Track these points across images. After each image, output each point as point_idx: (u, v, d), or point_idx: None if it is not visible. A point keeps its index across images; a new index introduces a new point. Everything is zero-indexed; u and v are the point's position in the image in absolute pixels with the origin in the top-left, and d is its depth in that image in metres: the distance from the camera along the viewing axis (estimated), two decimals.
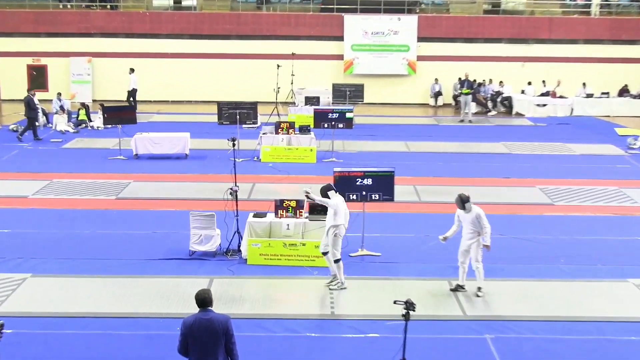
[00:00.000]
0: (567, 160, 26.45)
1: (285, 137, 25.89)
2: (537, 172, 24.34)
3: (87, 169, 23.91)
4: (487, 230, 13.71)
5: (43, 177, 22.72)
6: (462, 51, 38.84)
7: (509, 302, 13.87)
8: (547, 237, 17.73)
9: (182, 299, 13.67)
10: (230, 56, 38.53)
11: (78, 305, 13.45)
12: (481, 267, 13.95)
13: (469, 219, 13.85)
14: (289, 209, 16.15)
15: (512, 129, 33.06)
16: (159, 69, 38.43)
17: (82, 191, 21.33)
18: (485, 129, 33.06)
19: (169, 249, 16.33)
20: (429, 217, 19.31)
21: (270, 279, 14.84)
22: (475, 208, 13.87)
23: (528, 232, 18.00)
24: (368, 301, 13.86)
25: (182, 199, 20.65)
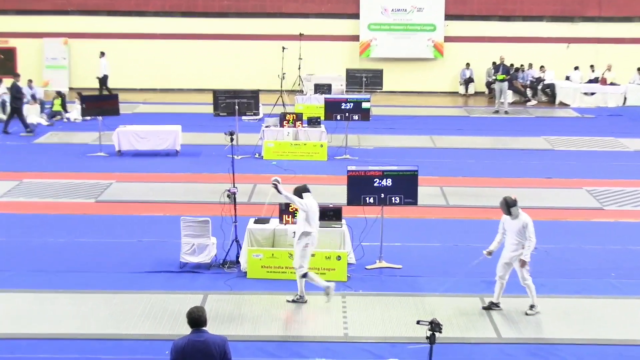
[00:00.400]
0: (618, 157, 26.42)
1: (292, 130, 25.91)
2: (583, 171, 24.30)
3: (63, 168, 23.99)
4: (531, 243, 13.66)
5: (11, 176, 22.81)
6: (497, 31, 38.77)
7: (550, 323, 13.83)
8: (596, 246, 17.69)
9: (172, 318, 13.70)
10: (228, 37, 38.57)
11: (52, 325, 13.47)
12: (531, 283, 13.91)
13: (515, 227, 13.78)
14: (295, 214, 16.16)
15: (555, 121, 33.02)
16: (146, 52, 38.50)
17: (56, 193, 21.41)
18: (523, 121, 33.01)
19: (156, 260, 16.36)
20: (458, 223, 19.32)
21: (273, 295, 14.84)
22: (523, 215, 13.80)
23: (573, 241, 17.97)
24: (387, 321, 13.84)
25: (172, 202, 20.69)
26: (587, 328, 13.64)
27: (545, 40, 38.85)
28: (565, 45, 38.95)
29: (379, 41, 38.86)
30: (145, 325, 13.48)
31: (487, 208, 20.06)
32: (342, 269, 15.50)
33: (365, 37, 38.85)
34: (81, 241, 17.58)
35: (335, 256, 15.51)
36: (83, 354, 12.50)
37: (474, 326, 13.68)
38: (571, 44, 38.99)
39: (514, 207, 13.75)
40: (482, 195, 21.42)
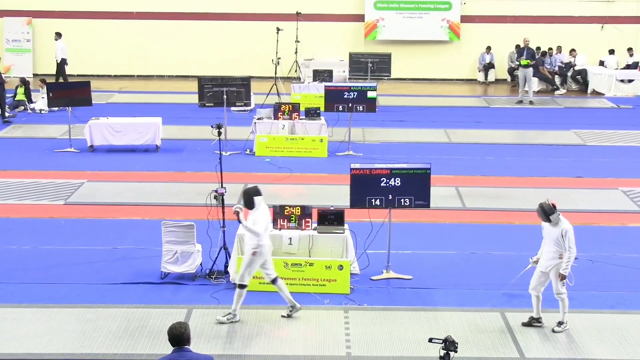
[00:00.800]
0: None
1: (287, 123, 25.98)
2: (620, 169, 24.39)
3: (27, 165, 24.08)
4: (571, 254, 13.70)
5: None
6: (522, 10, 38.82)
7: (581, 341, 13.89)
8: (633, 255, 17.76)
9: (152, 335, 13.77)
10: (215, 17, 38.61)
11: (15, 344, 13.53)
12: (566, 297, 13.97)
13: (554, 234, 13.81)
14: (291, 217, 16.25)
15: (587, 113, 33.09)
16: (122, 33, 38.52)
17: (20, 194, 21.49)
18: (551, 112, 33.08)
19: (134, 270, 16.44)
20: (476, 228, 19.39)
21: (267, 310, 14.92)
22: (564, 222, 13.85)
23: (607, 249, 18.02)
24: (395, 339, 13.91)
25: (152, 204, 20.77)
26: (623, 347, 13.70)
27: (576, 20, 38.89)
28: (600, 26, 38.98)
29: (386, 21, 38.90)
30: (121, 344, 13.52)
31: (509, 211, 20.16)
32: (345, 279, 15.58)
33: (371, 17, 38.90)
34: (48, 248, 17.64)
35: (336, 265, 15.58)
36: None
37: (494, 344, 13.75)
38: (606, 24, 39.01)
39: (553, 214, 13.77)
40: (503, 196, 21.50)
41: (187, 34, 38.62)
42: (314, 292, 15.48)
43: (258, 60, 36.38)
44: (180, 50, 38.68)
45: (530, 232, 18.75)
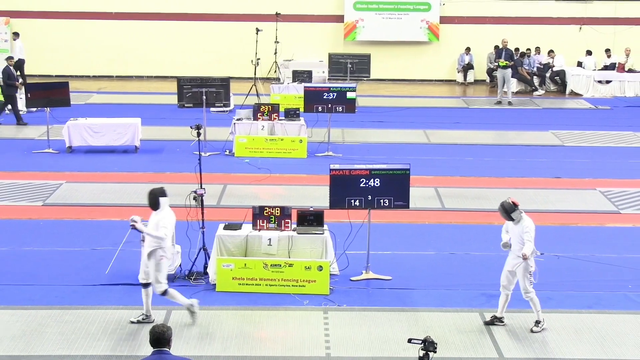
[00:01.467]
0: (637, 154, 26.59)
1: (267, 124, 25.98)
2: (597, 170, 24.48)
3: (5, 166, 23.99)
4: (530, 245, 13.75)
5: None
6: (500, 11, 38.94)
7: (559, 341, 13.95)
8: (611, 255, 17.82)
9: (131, 336, 13.77)
10: (194, 17, 38.58)
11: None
12: (534, 296, 14.04)
13: (518, 232, 13.90)
14: (271, 218, 16.25)
15: (565, 113, 33.20)
16: (101, 33, 38.43)
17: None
18: (529, 113, 33.19)
19: (113, 272, 16.37)
20: (455, 229, 19.45)
21: (246, 310, 14.93)
22: (526, 219, 13.91)
23: (585, 249, 18.10)
24: (375, 339, 13.93)
25: (131, 205, 20.72)
26: (601, 347, 13.76)
27: (554, 22, 39.05)
28: (578, 27, 39.13)
29: (366, 22, 38.94)
30: (100, 346, 13.51)
31: (488, 212, 20.18)
32: (324, 280, 15.59)
33: (350, 18, 38.94)
34: (26, 250, 17.60)
35: (316, 266, 15.59)
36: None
37: (473, 345, 13.79)
38: (584, 26, 39.17)
39: (514, 212, 13.86)
40: (482, 197, 21.56)
41: (166, 35, 38.56)
42: (293, 293, 15.49)
43: (237, 60, 36.34)
44: (159, 51, 38.62)
45: None
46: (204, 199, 16.35)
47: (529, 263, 13.87)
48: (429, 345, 9.63)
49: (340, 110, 25.65)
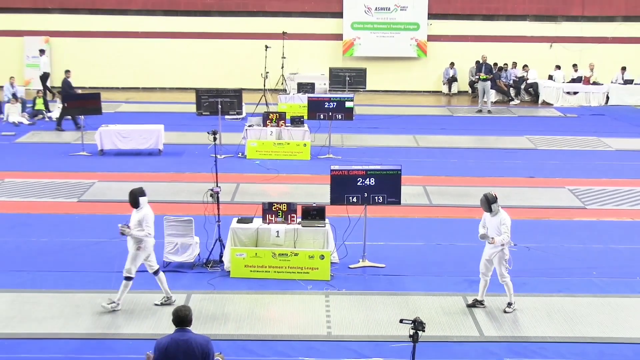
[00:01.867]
0: (601, 157, 26.56)
1: (275, 130, 25.96)
2: (566, 170, 24.45)
3: (45, 167, 23.97)
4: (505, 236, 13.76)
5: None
6: (481, 30, 38.90)
7: (533, 321, 13.95)
8: (578, 245, 17.83)
9: (155, 317, 13.78)
10: (211, 35, 38.54)
11: (34, 325, 13.52)
12: (509, 281, 14.07)
13: (495, 224, 13.92)
14: (278, 213, 16.24)
15: (538, 121, 33.18)
16: (128, 50, 38.42)
17: (38, 193, 21.41)
18: (506, 120, 33.15)
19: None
20: (441, 222, 19.43)
21: (257, 295, 14.92)
22: (502, 213, 13.94)
23: (556, 240, 18.10)
24: (370, 320, 13.93)
25: (155, 201, 20.57)
26: (569, 326, 13.77)
27: (528, 40, 39.01)
28: (549, 45, 39.11)
29: (362, 40, 38.91)
30: (129, 325, 13.53)
31: (470, 207, 20.15)
32: (326, 268, 15.59)
33: (348, 36, 38.91)
34: (64, 240, 17.59)
35: (318, 255, 15.59)
36: (66, 354, 12.55)
37: (457, 325, 13.79)
38: (554, 44, 39.15)
39: (494, 204, 13.88)
40: (465, 194, 21.53)
41: (186, 51, 38.52)
42: (298, 279, 15.48)
43: (249, 74, 36.27)
44: (180, 65, 38.58)
45: None
46: (219, 196, 16.35)
47: (504, 252, 13.90)
48: (418, 325, 9.62)
49: (340, 118, 25.64)
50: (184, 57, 38.55)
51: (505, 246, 13.90)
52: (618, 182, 23.21)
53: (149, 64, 38.62)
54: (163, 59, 38.59)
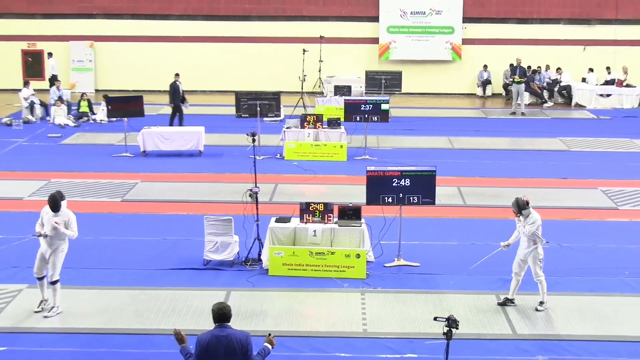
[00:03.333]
0: (634, 158, 26.35)
1: (312, 131, 26.04)
2: (599, 171, 24.29)
3: (89, 168, 24.22)
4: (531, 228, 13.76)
5: (40, 176, 23.04)
6: (515, 33, 38.70)
7: (565, 320, 13.92)
8: (610, 245, 17.74)
9: (196, 313, 13.90)
10: (249, 40, 38.69)
11: (79, 320, 13.70)
12: (543, 280, 14.09)
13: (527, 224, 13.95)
14: (315, 213, 16.31)
15: (571, 123, 32.97)
16: (169, 54, 38.64)
17: (83, 192, 21.62)
18: (540, 122, 32.98)
19: (181, 258, 16.56)
20: (475, 222, 19.40)
21: (294, 292, 15.01)
22: (534, 214, 13.93)
23: (588, 240, 18.02)
24: (405, 317, 13.97)
25: (196, 201, 20.87)
26: (601, 325, 13.73)
27: (562, 43, 38.74)
28: (582, 48, 38.82)
29: (398, 43, 38.86)
30: (170, 321, 13.66)
31: (504, 208, 20.07)
32: (361, 266, 15.64)
33: (384, 40, 38.88)
34: (108, 239, 17.78)
35: (354, 254, 15.64)
36: (110, 348, 12.72)
37: (490, 323, 13.80)
38: (588, 47, 38.85)
39: (525, 209, 13.89)
40: (499, 195, 21.47)
41: (226, 55, 38.68)
42: (335, 277, 15.55)
43: (287, 77, 36.34)
44: (220, 69, 38.74)
45: None
46: (258, 196, 16.43)
47: (538, 251, 13.92)
48: (452, 322, 9.66)
49: (376, 120, 25.64)
50: (223, 60, 38.72)
51: (539, 244, 13.91)
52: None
53: (189, 67, 38.74)
54: (203, 62, 38.78)
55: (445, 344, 9.81)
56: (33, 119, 31.18)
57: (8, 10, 38.26)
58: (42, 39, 38.57)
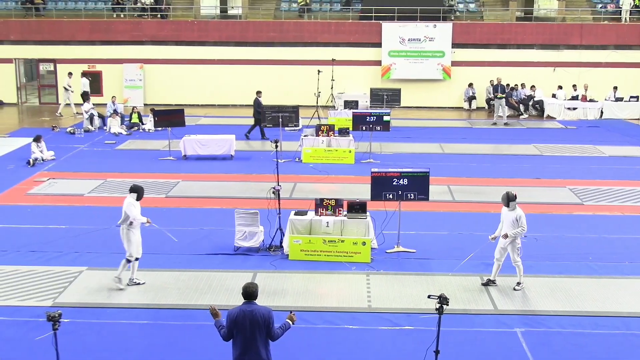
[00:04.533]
0: (596, 161, 26.16)
1: (325, 139, 25.98)
2: (567, 173, 24.13)
3: (139, 169, 24.19)
4: (522, 230, 13.72)
5: (98, 176, 23.05)
6: (495, 57, 38.55)
7: (538, 298, 13.83)
8: (577, 235, 17.61)
9: (227, 291, 13.87)
10: (273, 62, 38.68)
11: (130, 297, 13.71)
12: (520, 264, 14.04)
13: (511, 218, 13.86)
14: (328, 207, 16.26)
15: (543, 132, 32.79)
16: (206, 74, 38.70)
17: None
18: (517, 131, 32.81)
19: (215, 245, 16.52)
20: (462, 215, 19.29)
21: (310, 274, 14.95)
22: (519, 210, 13.87)
23: (558, 231, 17.90)
24: (403, 295, 13.90)
25: (228, 197, 20.84)
26: (569, 302, 13.64)
27: (535, 65, 38.56)
28: (552, 69, 38.64)
29: (397, 65, 38.72)
30: (205, 298, 13.64)
31: (487, 203, 20.05)
32: (367, 252, 15.58)
33: (386, 62, 38.75)
34: (154, 229, 17.74)
35: (361, 242, 15.59)
36: (155, 321, 12.72)
37: (475, 300, 13.72)
38: (557, 68, 38.67)
39: (513, 201, 13.83)
40: (483, 192, 21.38)
41: (253, 75, 38.62)
42: (344, 261, 15.49)
43: (304, 93, 36.30)
44: (249, 86, 38.49)
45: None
46: (280, 193, 16.40)
47: (517, 241, 13.82)
48: (443, 300, 9.59)
49: (379, 129, 25.59)
50: (251, 79, 38.64)
51: (518, 237, 13.83)
52: (611, 182, 22.86)
53: (223, 85, 38.85)
54: (234, 81, 38.78)
55: (438, 318, 9.74)
56: (92, 129, 31.19)
57: (74, 38, 38.38)
58: (100, 62, 38.67)
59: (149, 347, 11.81)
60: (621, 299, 13.79)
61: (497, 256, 14.17)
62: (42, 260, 15.47)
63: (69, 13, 40.27)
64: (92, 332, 12.27)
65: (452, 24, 38.72)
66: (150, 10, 40.17)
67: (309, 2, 40.95)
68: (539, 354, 11.68)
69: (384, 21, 38.59)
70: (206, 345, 11.77)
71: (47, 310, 9.27)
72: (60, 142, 28.28)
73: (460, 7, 41.46)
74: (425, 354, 10.57)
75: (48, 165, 24.62)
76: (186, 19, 39.73)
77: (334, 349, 11.81)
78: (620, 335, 12.34)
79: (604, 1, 41.73)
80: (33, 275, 14.67)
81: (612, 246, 16.81)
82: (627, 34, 38.76)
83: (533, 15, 41.63)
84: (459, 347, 11.81)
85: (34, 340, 11.81)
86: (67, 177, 23.11)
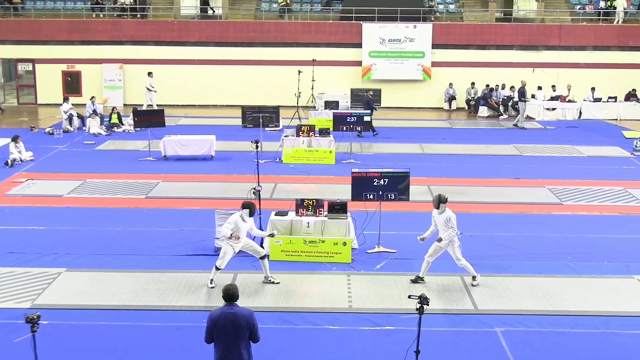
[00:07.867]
0: (575, 161, 26.33)
1: (306, 139, 25.97)
2: (546, 173, 24.26)
3: (119, 170, 24.07)
4: (452, 232, 13.82)
5: (77, 177, 22.90)
6: (475, 57, 38.72)
7: (518, 297, 13.86)
8: (555, 235, 17.68)
9: (208, 292, 13.80)
10: (253, 62, 38.64)
11: (110, 298, 13.59)
12: (465, 262, 14.18)
13: (441, 220, 14.02)
14: (309, 207, 16.23)
15: (523, 132, 32.93)
16: (186, 74, 38.60)
17: (113, 190, 21.49)
18: (496, 131, 32.96)
19: (195, 246, 16.45)
20: None
21: (291, 274, 14.91)
22: (448, 211, 13.99)
23: (537, 230, 17.96)
24: (384, 296, 13.89)
25: (208, 198, 20.76)
26: (548, 301, 13.67)
27: (514, 65, 38.76)
28: (531, 70, 38.86)
29: (378, 66, 38.81)
30: (186, 299, 13.56)
31: (466, 203, 20.08)
32: (347, 252, 15.56)
33: (366, 63, 38.82)
34: (134, 230, 17.67)
35: (341, 242, 15.56)
36: (135, 322, 12.61)
37: (455, 300, 13.72)
38: (536, 68, 38.90)
39: (443, 204, 13.94)
40: (462, 192, 21.42)
41: (234, 75, 38.60)
42: (325, 262, 15.46)
43: (285, 93, 36.30)
44: (229, 87, 38.68)
45: (480, 218, 18.77)
46: (260, 193, 16.36)
47: (454, 240, 13.91)
48: (423, 300, 9.58)
49: (359, 130, 25.60)
50: (231, 80, 38.66)
51: (454, 236, 13.89)
52: (589, 182, 23.00)
53: (203, 85, 38.77)
54: (215, 81, 38.72)
55: (418, 318, 9.73)
56: (71, 129, 31.02)
57: (53, 38, 38.18)
58: (79, 62, 38.49)
59: (129, 348, 11.72)
60: (600, 298, 13.85)
61: (431, 252, 14.24)
62: (21, 262, 15.33)
63: (48, 13, 40.04)
64: (71, 334, 12.17)
65: (432, 24, 38.84)
66: (130, 10, 39.97)
67: (290, 2, 40.93)
68: (519, 353, 11.71)
69: (364, 22, 38.66)
70: (187, 346, 11.71)
71: (26, 312, 9.16)
72: (39, 143, 28.09)
73: (440, 7, 41.60)
74: (406, 354, 10.57)
75: (27, 165, 24.44)
76: (166, 19, 39.58)
77: (315, 350, 11.78)
78: (599, 334, 12.39)
79: (582, 2, 42.03)
80: (11, 276, 14.54)
81: (591, 246, 16.89)
82: (605, 35, 39.06)
83: (512, 16, 41.89)
84: (439, 347, 11.81)
85: (12, 342, 11.70)
86: (46, 177, 22.95)
